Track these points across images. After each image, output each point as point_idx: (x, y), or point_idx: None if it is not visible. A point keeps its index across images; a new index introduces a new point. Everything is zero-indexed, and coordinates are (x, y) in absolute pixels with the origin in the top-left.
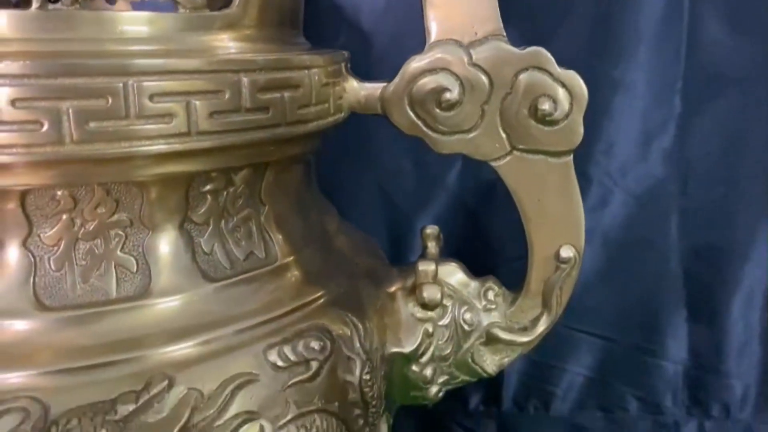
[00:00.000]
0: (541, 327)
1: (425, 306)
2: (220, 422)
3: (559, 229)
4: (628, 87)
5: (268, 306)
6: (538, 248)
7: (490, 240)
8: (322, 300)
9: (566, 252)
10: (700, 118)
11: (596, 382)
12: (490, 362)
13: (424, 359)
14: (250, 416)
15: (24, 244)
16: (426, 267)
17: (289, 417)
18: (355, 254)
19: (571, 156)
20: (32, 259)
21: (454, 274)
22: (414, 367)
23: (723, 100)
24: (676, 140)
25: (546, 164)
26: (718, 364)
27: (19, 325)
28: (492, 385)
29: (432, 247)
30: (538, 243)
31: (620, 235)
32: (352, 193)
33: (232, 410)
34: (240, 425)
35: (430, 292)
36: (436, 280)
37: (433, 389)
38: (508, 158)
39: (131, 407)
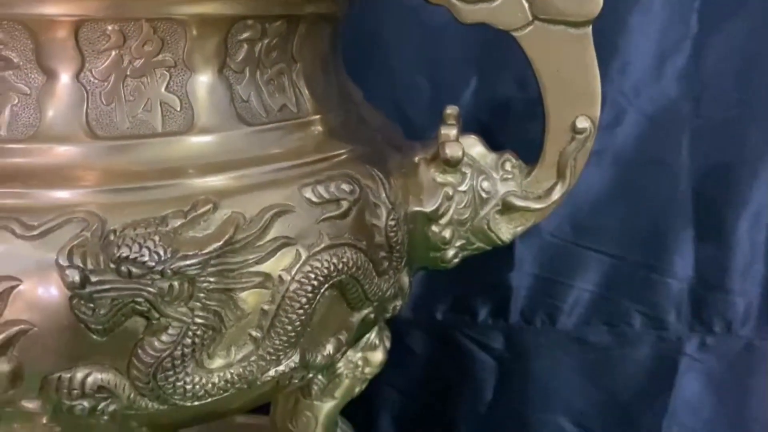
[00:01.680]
0: (556, 195)
1: (447, 162)
2: (260, 243)
3: (576, 100)
4: (645, 5)
5: (300, 152)
6: (555, 119)
7: None
8: (348, 154)
9: (582, 123)
10: (716, 38)
11: (602, 298)
12: (505, 230)
13: (443, 221)
14: (287, 241)
15: (77, 77)
16: (448, 130)
17: (322, 246)
18: (379, 126)
19: (590, 27)
20: (84, 92)
21: (474, 146)
22: (434, 228)
23: (740, 19)
24: (691, 60)
25: (566, 34)
26: (722, 282)
27: (73, 150)
28: (500, 298)
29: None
30: (554, 113)
31: (631, 154)
32: None
33: (272, 234)
34: (279, 248)
35: (452, 149)
36: (457, 140)
37: (451, 252)
38: (529, 28)
39: (180, 221)
